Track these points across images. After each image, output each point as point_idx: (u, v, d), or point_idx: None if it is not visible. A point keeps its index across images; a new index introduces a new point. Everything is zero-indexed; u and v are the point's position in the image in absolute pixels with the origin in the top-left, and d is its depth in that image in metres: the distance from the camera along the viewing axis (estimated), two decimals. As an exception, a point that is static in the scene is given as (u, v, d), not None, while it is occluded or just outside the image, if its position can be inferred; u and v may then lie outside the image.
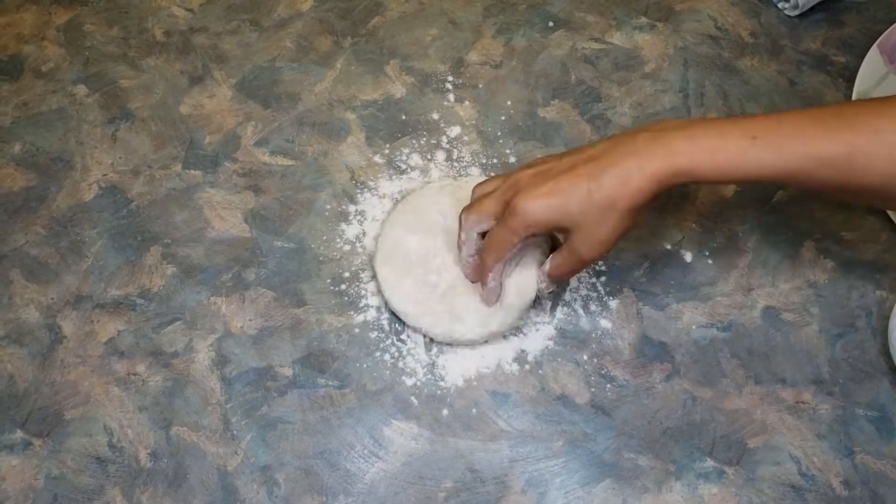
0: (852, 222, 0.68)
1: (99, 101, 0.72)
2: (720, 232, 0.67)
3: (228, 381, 0.62)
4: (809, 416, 0.61)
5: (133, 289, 0.65)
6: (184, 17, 0.76)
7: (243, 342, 0.63)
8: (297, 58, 0.74)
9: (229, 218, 0.68)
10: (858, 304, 0.65)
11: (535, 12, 0.76)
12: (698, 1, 0.77)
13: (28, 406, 0.61)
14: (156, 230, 0.67)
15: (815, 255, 0.67)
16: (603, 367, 0.63)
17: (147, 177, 0.69)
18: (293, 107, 0.72)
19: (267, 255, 0.66)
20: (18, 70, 0.73)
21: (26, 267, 0.66)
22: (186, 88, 0.72)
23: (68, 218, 0.67)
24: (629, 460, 0.60)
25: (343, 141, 0.71)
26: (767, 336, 0.64)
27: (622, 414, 0.62)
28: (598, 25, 0.76)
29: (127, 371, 0.62)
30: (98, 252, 0.66)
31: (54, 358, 0.63)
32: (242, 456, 0.60)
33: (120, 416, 0.61)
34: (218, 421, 0.61)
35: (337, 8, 0.76)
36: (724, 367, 0.63)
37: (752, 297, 0.65)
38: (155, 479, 0.59)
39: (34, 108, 0.72)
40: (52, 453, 0.60)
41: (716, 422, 0.61)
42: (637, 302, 0.65)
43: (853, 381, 0.62)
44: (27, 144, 0.70)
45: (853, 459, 0.60)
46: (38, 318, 0.64)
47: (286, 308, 0.64)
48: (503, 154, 0.70)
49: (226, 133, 0.71)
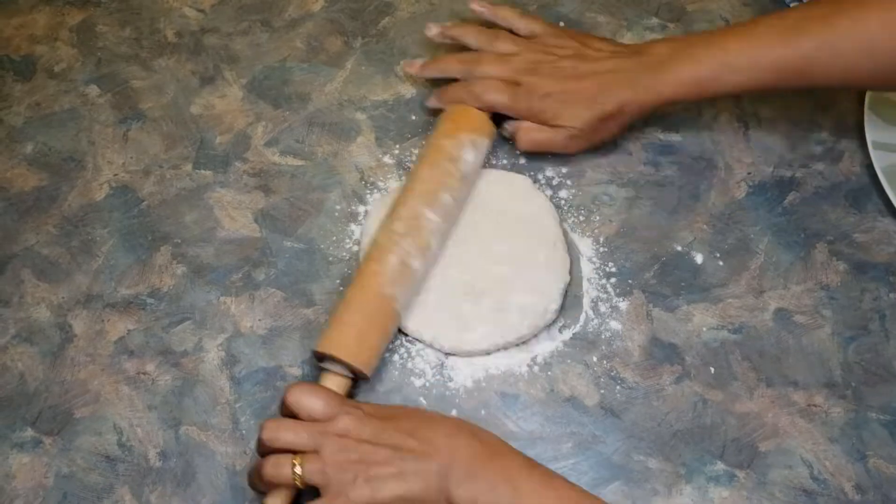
0: (865, 224, 0.67)
1: (111, 101, 0.72)
2: (731, 233, 0.67)
3: (238, 380, 0.62)
4: (822, 420, 0.61)
5: (143, 288, 0.65)
6: (195, 18, 0.76)
7: (253, 342, 0.64)
8: (308, 58, 0.74)
9: (239, 218, 0.68)
10: (871, 307, 0.64)
11: (546, 12, 0.76)
12: (710, 1, 0.76)
13: (38, 404, 0.62)
14: (166, 230, 0.67)
15: (828, 257, 0.66)
16: (613, 369, 0.63)
17: (158, 177, 0.69)
18: (303, 107, 0.72)
19: (276, 255, 0.66)
20: (31, 70, 0.74)
21: (37, 266, 0.66)
22: (197, 89, 0.73)
23: (79, 217, 0.68)
24: (639, 463, 0.60)
25: (353, 141, 0.71)
26: (779, 338, 0.64)
27: (632, 416, 0.61)
28: (610, 26, 0.75)
29: (136, 370, 0.63)
30: (109, 251, 0.67)
31: (64, 357, 0.63)
32: (251, 455, 0.60)
33: (129, 415, 0.61)
34: (227, 420, 0.61)
35: (347, 8, 0.76)
36: (735, 369, 0.63)
37: (764, 299, 0.65)
38: (164, 478, 0.59)
39: (46, 108, 0.72)
40: (61, 452, 0.60)
41: (727, 425, 0.61)
42: (647, 303, 0.65)
43: (866, 384, 0.62)
44: (39, 144, 0.71)
45: (866, 463, 0.60)
46: (48, 317, 0.64)
47: (295, 308, 0.65)
48: (512, 154, 0.70)
49: (236, 133, 0.71)
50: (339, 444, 0.53)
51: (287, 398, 0.55)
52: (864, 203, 0.68)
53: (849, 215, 0.68)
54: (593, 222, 0.67)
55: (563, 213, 0.67)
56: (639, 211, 0.68)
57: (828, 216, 0.68)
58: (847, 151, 0.70)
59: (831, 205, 0.68)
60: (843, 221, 0.67)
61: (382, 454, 0.52)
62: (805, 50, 0.61)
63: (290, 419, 0.55)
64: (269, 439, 0.54)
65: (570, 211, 0.68)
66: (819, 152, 0.70)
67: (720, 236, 0.67)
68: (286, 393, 0.56)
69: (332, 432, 0.53)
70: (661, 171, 0.69)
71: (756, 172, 0.69)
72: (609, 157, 0.70)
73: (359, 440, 0.53)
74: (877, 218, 0.68)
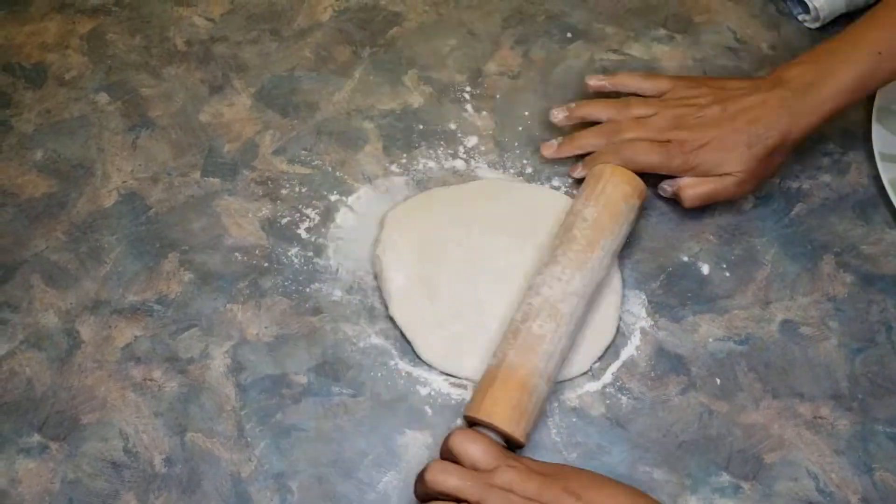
0: (872, 236, 0.67)
1: (120, 109, 0.73)
2: (738, 244, 0.67)
3: (243, 388, 0.62)
4: (828, 432, 0.61)
5: (151, 295, 0.66)
6: (205, 27, 0.77)
7: (259, 349, 0.64)
8: (316, 67, 0.74)
9: (246, 226, 0.68)
10: (878, 319, 0.64)
11: (554, 23, 0.76)
12: (718, 13, 0.77)
13: (45, 410, 0.62)
14: (174, 237, 0.68)
15: (835, 268, 0.66)
16: (618, 379, 0.63)
17: (166, 184, 0.70)
18: (311, 116, 0.72)
19: (283, 263, 0.66)
20: (42, 78, 0.74)
21: (46, 272, 0.66)
22: (206, 97, 0.73)
23: (88, 224, 0.68)
24: (644, 473, 0.60)
25: (360, 150, 0.71)
26: (785, 350, 0.63)
27: (637, 427, 0.61)
28: (617, 37, 0.75)
29: (143, 377, 0.63)
30: (117, 258, 0.67)
31: (72, 363, 0.63)
32: (256, 463, 0.60)
33: (135, 422, 0.62)
34: (232, 428, 0.61)
35: (356, 18, 0.77)
36: (741, 380, 0.62)
37: (770, 310, 0.65)
38: (169, 484, 0.60)
39: (56, 116, 0.73)
40: (68, 457, 0.60)
41: (732, 436, 0.61)
42: (653, 314, 0.65)
43: (872, 396, 0.62)
44: (49, 151, 0.71)
45: (872, 476, 0.59)
46: (56, 323, 0.65)
47: (302, 316, 0.65)
48: (520, 165, 0.70)
49: (244, 141, 0.71)
50: (503, 498, 0.51)
51: (451, 441, 0.54)
52: (871, 215, 0.68)
53: (856, 227, 0.68)
54: (600, 232, 0.67)
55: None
56: (645, 221, 0.68)
57: (835, 228, 0.68)
58: (854, 163, 0.70)
59: (838, 216, 0.68)
60: (850, 233, 0.67)
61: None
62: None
63: (457, 465, 0.53)
64: (434, 482, 0.52)
65: (576, 221, 0.68)
66: (826, 164, 0.70)
67: (727, 247, 0.67)
68: (451, 436, 0.54)
69: (497, 485, 0.51)
70: (668, 181, 0.69)
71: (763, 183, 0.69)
72: (616, 167, 0.70)
73: (524, 496, 0.51)
74: (884, 230, 0.67)
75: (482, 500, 0.51)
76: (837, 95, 0.62)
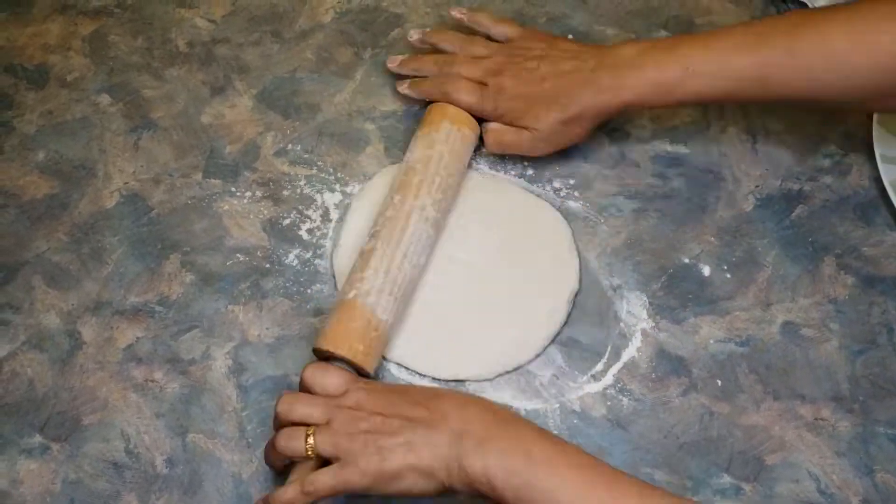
0: (873, 238, 0.67)
1: (122, 110, 0.73)
2: (739, 246, 0.67)
3: (245, 389, 0.63)
4: (829, 434, 0.61)
5: (152, 296, 0.66)
6: (206, 29, 0.77)
7: (260, 350, 0.64)
8: (318, 69, 0.75)
9: (248, 227, 0.68)
10: (879, 321, 0.64)
11: (555, 25, 0.76)
12: (718, 14, 0.77)
13: (47, 411, 0.62)
14: (175, 238, 0.68)
15: (836, 270, 0.66)
16: (619, 381, 0.63)
17: (168, 185, 0.70)
18: (313, 117, 0.72)
19: (284, 264, 0.67)
20: (44, 79, 0.74)
21: (48, 273, 0.66)
22: (208, 98, 0.73)
23: (90, 225, 0.68)
24: (645, 475, 0.60)
25: (362, 151, 0.71)
26: (786, 351, 0.63)
27: (638, 428, 0.61)
28: (618, 38, 0.75)
29: (144, 378, 0.63)
30: (118, 259, 0.67)
31: (73, 363, 0.63)
32: (258, 464, 0.60)
33: (137, 423, 0.62)
34: (234, 429, 0.61)
35: (357, 20, 0.77)
36: (742, 382, 0.62)
37: (771, 312, 0.65)
38: (170, 485, 0.60)
39: (58, 117, 0.73)
40: (69, 458, 0.61)
41: (733, 437, 0.61)
42: (654, 315, 0.65)
43: (873, 398, 0.62)
44: (51, 152, 0.71)
45: (873, 478, 0.59)
46: (58, 324, 0.65)
47: (303, 317, 0.65)
48: (521, 166, 0.70)
49: (246, 143, 0.71)
50: (350, 415, 0.53)
51: (303, 374, 0.56)
52: (872, 217, 0.68)
53: (857, 229, 0.68)
54: (601, 234, 0.68)
55: (571, 224, 0.68)
56: (646, 223, 0.68)
57: (836, 229, 0.68)
58: (855, 165, 0.70)
59: (839, 218, 0.68)
60: (851, 235, 0.67)
61: (393, 424, 0.52)
62: (767, 59, 0.60)
63: (306, 394, 0.56)
64: (284, 412, 0.55)
65: (577, 222, 0.68)
66: (827, 165, 0.70)
67: (728, 249, 0.67)
68: (303, 370, 0.56)
69: (344, 405, 0.54)
70: (669, 183, 0.70)
71: (764, 185, 0.69)
72: (617, 168, 0.70)
73: (370, 412, 0.53)
74: (885, 231, 0.67)
75: (331, 420, 0.53)
76: (637, 89, 0.63)
